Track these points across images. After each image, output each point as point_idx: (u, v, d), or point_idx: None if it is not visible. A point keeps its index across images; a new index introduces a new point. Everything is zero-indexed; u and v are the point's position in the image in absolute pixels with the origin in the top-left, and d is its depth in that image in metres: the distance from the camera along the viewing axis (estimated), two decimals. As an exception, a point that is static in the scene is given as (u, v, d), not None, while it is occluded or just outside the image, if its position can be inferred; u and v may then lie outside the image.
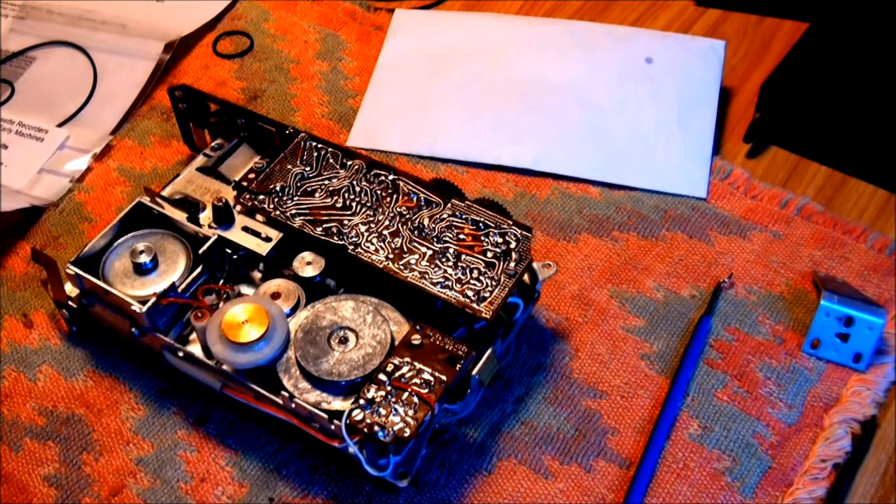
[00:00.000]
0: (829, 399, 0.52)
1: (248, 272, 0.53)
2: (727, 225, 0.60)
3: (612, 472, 0.50)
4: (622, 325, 0.55)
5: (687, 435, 0.51)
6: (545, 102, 0.66)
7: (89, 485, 0.50)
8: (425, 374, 0.45)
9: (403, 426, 0.43)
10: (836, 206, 0.61)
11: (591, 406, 0.52)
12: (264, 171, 0.54)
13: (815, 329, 0.53)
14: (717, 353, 0.54)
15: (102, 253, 0.52)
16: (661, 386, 0.53)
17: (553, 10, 0.74)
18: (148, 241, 0.53)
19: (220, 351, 0.47)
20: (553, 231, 0.60)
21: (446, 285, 0.48)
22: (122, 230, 0.53)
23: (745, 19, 0.72)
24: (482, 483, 0.49)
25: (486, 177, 0.63)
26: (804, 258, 0.58)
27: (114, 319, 0.51)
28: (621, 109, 0.65)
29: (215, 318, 0.47)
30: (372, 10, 0.73)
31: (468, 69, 0.68)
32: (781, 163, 0.63)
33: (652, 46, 0.68)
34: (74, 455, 0.51)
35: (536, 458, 0.50)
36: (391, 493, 0.49)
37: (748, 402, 0.52)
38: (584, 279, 0.57)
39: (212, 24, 0.73)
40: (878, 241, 0.58)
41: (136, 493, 0.49)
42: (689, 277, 0.57)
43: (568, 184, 0.62)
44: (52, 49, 0.71)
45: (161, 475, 0.50)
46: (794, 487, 0.49)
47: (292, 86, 0.69)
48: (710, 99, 0.66)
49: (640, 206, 0.61)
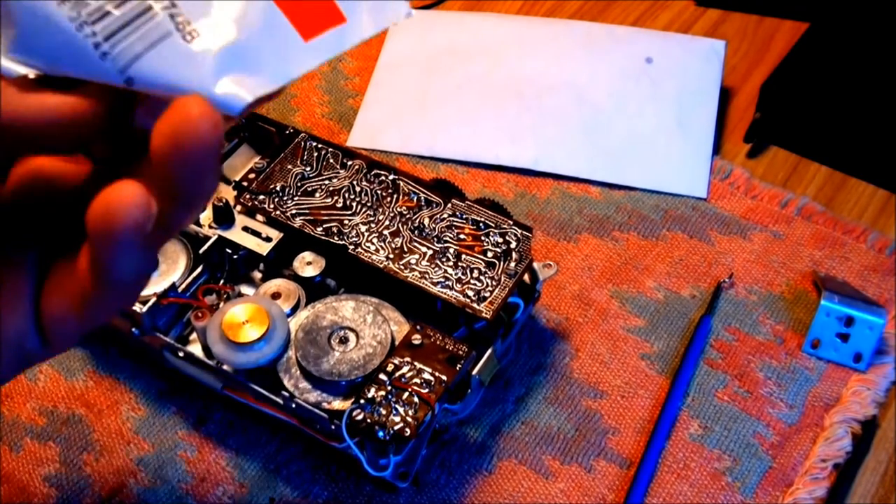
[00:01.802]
0: (829, 399, 0.52)
1: (248, 272, 0.53)
2: (727, 225, 0.60)
3: (613, 472, 0.50)
4: (622, 325, 0.55)
5: (687, 435, 0.51)
6: (545, 102, 0.66)
7: (89, 485, 0.50)
8: (426, 373, 0.45)
9: (404, 426, 0.43)
10: (836, 206, 0.61)
11: (592, 406, 0.52)
12: (264, 171, 0.54)
13: (815, 329, 0.53)
14: (718, 353, 0.54)
15: (102, 253, 0.52)
16: (662, 386, 0.53)
17: (553, 10, 0.74)
18: (148, 241, 0.52)
19: (220, 351, 0.47)
20: (553, 231, 0.60)
21: (447, 285, 0.48)
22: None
23: (745, 19, 0.72)
24: (482, 483, 0.49)
25: (487, 177, 0.63)
26: (804, 258, 0.58)
27: (114, 319, 0.51)
28: (621, 109, 0.65)
29: (215, 319, 0.47)
30: (372, 10, 0.73)
31: (468, 69, 0.68)
32: (781, 163, 0.63)
33: (652, 46, 0.68)
34: (75, 455, 0.51)
35: (537, 458, 0.50)
36: (391, 493, 0.49)
37: (748, 402, 0.52)
38: (585, 279, 0.57)
39: (212, 24, 0.73)
40: (878, 241, 0.58)
41: (137, 493, 0.49)
42: (689, 277, 0.57)
43: (568, 184, 0.62)
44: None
45: (161, 475, 0.50)
46: (795, 487, 0.49)
47: (292, 86, 0.69)
48: (710, 99, 0.66)
49: (641, 206, 0.61)
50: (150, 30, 0.26)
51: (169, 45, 0.26)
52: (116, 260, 0.26)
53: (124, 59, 0.26)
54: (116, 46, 0.26)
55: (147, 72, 0.26)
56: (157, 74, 0.26)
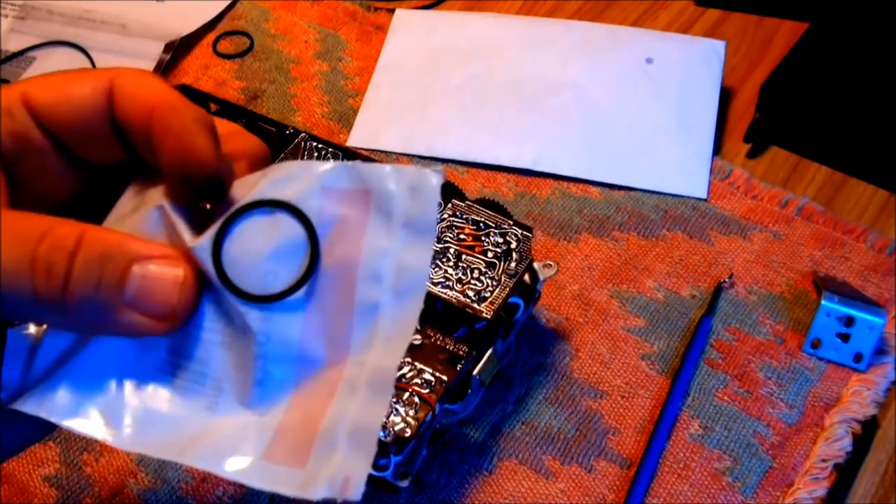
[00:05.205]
0: (829, 399, 0.52)
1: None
2: (727, 225, 0.60)
3: (613, 472, 0.50)
4: (623, 325, 0.55)
5: (687, 435, 0.51)
6: (545, 102, 0.66)
7: (90, 485, 0.50)
8: (426, 374, 0.45)
9: (404, 426, 0.43)
10: (836, 206, 0.61)
11: (592, 406, 0.52)
12: (265, 171, 0.54)
13: (815, 329, 0.53)
14: (718, 353, 0.54)
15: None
16: (662, 386, 0.53)
17: (553, 10, 0.74)
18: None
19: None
20: (553, 231, 0.60)
21: (447, 285, 0.48)
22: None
23: (745, 19, 0.72)
24: (483, 483, 0.49)
25: (487, 177, 0.63)
26: (804, 258, 0.58)
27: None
28: (621, 109, 0.65)
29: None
30: (372, 10, 0.73)
31: (468, 69, 0.68)
32: (781, 163, 0.63)
33: (652, 46, 0.68)
34: (75, 455, 0.51)
35: (537, 459, 0.50)
36: (391, 493, 0.49)
37: (749, 402, 0.52)
38: (585, 279, 0.57)
39: (212, 24, 0.73)
40: (878, 241, 0.58)
41: (137, 493, 0.49)
42: (689, 277, 0.57)
43: (568, 184, 0.62)
44: (52, 49, 0.71)
45: (161, 475, 0.50)
46: (795, 487, 0.49)
47: (292, 86, 0.69)
48: (710, 99, 0.66)
49: (641, 206, 0.61)
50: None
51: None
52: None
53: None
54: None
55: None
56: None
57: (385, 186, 0.30)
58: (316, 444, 0.29)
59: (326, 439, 0.29)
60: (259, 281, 0.30)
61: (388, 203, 0.30)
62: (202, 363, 0.30)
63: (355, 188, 0.30)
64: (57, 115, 0.31)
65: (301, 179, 0.30)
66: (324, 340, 0.30)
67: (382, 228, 0.30)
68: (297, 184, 0.30)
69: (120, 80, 0.31)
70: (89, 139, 0.31)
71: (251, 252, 0.30)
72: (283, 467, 0.29)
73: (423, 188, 0.29)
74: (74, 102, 0.31)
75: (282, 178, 0.30)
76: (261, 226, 0.30)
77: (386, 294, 0.30)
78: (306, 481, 0.28)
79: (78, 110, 0.31)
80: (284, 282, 0.30)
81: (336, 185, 0.30)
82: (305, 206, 0.30)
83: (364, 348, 0.30)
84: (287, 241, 0.30)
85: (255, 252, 0.30)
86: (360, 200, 0.30)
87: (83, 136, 0.31)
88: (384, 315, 0.30)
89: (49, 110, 0.31)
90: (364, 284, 0.30)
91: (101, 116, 0.31)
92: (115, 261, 0.28)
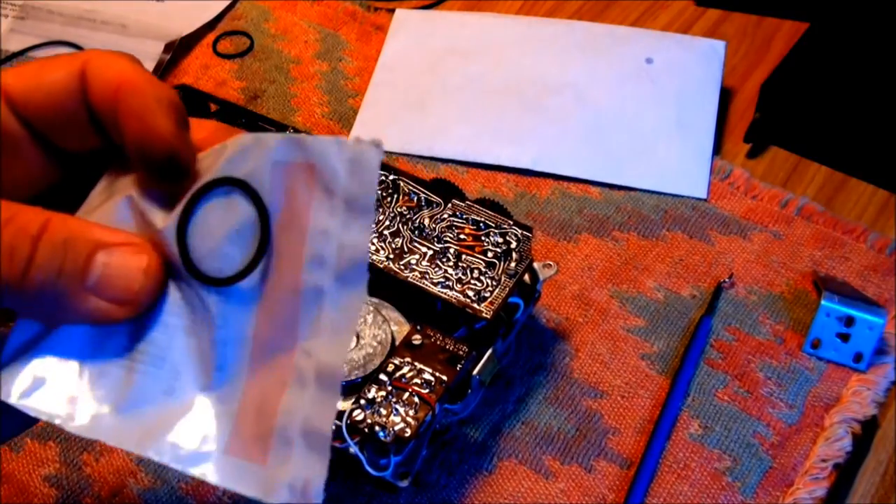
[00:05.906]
0: (829, 399, 0.52)
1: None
2: (727, 225, 0.60)
3: (613, 472, 0.50)
4: (623, 325, 0.55)
5: (687, 435, 0.51)
6: (545, 103, 0.66)
7: (89, 485, 0.50)
8: (426, 374, 0.45)
9: (404, 426, 0.43)
10: (836, 206, 0.61)
11: (592, 406, 0.52)
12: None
13: (815, 329, 0.53)
14: (718, 353, 0.54)
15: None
16: (662, 386, 0.53)
17: (553, 10, 0.74)
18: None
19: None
20: (553, 231, 0.60)
21: (447, 285, 0.48)
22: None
23: (745, 19, 0.72)
24: (483, 483, 0.49)
25: (487, 177, 0.63)
26: (804, 258, 0.58)
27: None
28: (621, 109, 0.65)
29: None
30: (372, 10, 0.74)
31: (468, 69, 0.68)
32: (781, 163, 0.63)
33: (652, 47, 0.68)
34: (75, 455, 0.51)
35: (537, 459, 0.50)
36: (391, 494, 0.49)
37: (749, 401, 0.52)
38: (585, 279, 0.57)
39: (212, 24, 0.73)
40: (878, 241, 0.58)
41: (137, 493, 0.49)
42: (689, 277, 0.57)
43: (568, 184, 0.62)
44: (52, 49, 0.71)
45: (161, 475, 0.50)
46: (795, 487, 0.49)
47: (292, 86, 0.69)
48: (710, 99, 0.66)
49: (641, 206, 0.61)
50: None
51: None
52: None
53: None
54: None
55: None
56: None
57: (327, 161, 0.28)
58: (273, 438, 0.28)
59: (282, 434, 0.28)
60: (218, 263, 0.29)
61: (331, 179, 0.28)
62: (162, 347, 0.30)
63: (301, 161, 0.29)
64: (32, 102, 0.30)
65: (254, 153, 0.29)
66: (275, 325, 0.30)
67: (325, 206, 0.29)
68: (251, 160, 0.29)
69: (91, 62, 0.30)
70: (65, 125, 0.31)
71: (211, 234, 0.29)
72: (244, 462, 0.29)
73: (363, 163, 0.28)
74: (48, 88, 0.30)
75: (237, 154, 0.29)
76: (219, 206, 0.29)
77: (329, 278, 0.29)
78: (268, 484, 0.28)
79: (52, 95, 0.30)
80: (240, 264, 0.29)
81: (284, 159, 0.29)
82: (257, 183, 0.29)
83: (311, 336, 0.29)
84: (241, 222, 0.29)
85: (214, 234, 0.29)
86: (306, 175, 0.29)
87: (59, 123, 0.31)
88: (327, 301, 0.29)
89: (24, 98, 0.30)
90: (309, 267, 0.29)
91: (76, 100, 0.30)
92: (79, 247, 0.28)
